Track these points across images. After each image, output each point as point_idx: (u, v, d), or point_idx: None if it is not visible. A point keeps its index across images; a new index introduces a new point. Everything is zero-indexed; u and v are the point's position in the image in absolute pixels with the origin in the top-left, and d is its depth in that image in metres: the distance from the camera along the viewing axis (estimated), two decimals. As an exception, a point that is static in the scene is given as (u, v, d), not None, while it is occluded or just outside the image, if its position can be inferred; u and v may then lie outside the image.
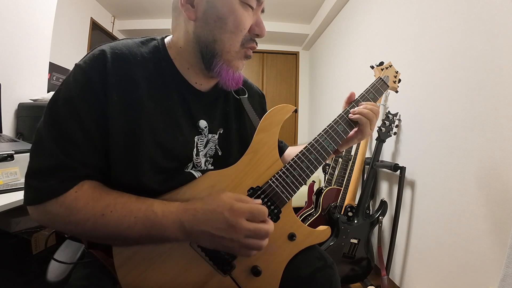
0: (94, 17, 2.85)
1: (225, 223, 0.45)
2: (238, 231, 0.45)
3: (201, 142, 0.57)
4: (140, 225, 0.45)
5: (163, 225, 0.45)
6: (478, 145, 1.04)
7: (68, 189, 0.44)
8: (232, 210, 0.45)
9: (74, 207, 0.44)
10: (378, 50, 1.88)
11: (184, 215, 0.46)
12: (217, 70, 0.53)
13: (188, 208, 0.47)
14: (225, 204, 0.46)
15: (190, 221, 0.45)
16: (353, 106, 0.64)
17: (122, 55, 0.49)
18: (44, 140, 0.45)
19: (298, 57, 3.91)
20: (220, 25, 0.50)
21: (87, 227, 0.45)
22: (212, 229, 0.45)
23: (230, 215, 0.45)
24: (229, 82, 0.55)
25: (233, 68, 0.54)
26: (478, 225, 1.03)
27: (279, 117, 0.57)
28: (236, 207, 0.45)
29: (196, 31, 0.52)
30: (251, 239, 0.46)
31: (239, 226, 0.45)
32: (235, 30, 0.51)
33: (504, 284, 0.79)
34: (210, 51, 0.52)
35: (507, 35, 0.93)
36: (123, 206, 0.46)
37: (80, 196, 0.45)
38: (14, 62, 1.35)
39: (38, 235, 1.14)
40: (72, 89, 0.46)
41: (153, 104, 0.50)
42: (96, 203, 0.45)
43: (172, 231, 0.46)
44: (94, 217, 0.44)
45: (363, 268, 1.50)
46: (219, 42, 0.51)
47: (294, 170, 0.55)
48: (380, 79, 0.71)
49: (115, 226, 0.45)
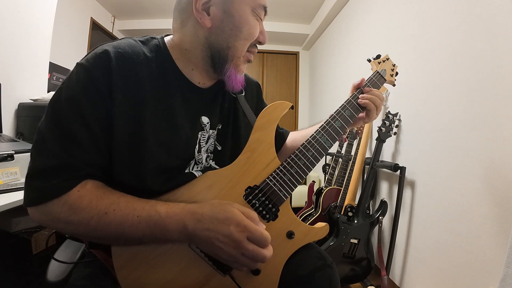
0: (94, 17, 2.85)
1: (229, 237, 0.45)
2: (238, 248, 0.45)
3: (203, 138, 0.58)
4: (143, 224, 0.45)
5: (166, 225, 0.45)
6: (478, 145, 1.04)
7: (71, 188, 0.44)
8: (239, 225, 0.45)
9: (77, 206, 0.44)
10: (378, 50, 1.87)
11: (189, 218, 0.46)
12: (228, 74, 0.56)
13: (195, 212, 0.47)
14: (235, 217, 0.46)
15: (194, 225, 0.46)
16: (350, 101, 0.65)
17: (126, 54, 0.49)
18: (46, 140, 0.45)
19: (298, 57, 3.91)
20: (236, 33, 0.54)
21: (90, 226, 0.44)
22: (214, 239, 0.45)
23: (235, 230, 0.45)
24: (237, 85, 0.58)
25: (239, 72, 0.58)
26: (478, 225, 1.03)
27: (275, 114, 0.57)
28: (243, 224, 0.45)
29: (210, 37, 0.54)
30: (247, 259, 0.46)
31: (241, 245, 0.45)
32: (248, 38, 0.55)
33: (504, 284, 0.79)
34: (223, 56, 0.55)
35: (507, 35, 0.93)
36: (126, 205, 0.46)
37: (83, 195, 0.44)
38: (14, 62, 1.35)
39: (38, 235, 1.14)
40: (75, 88, 0.46)
41: (156, 103, 0.51)
42: (100, 201, 0.45)
43: (174, 232, 0.46)
44: (97, 215, 0.44)
45: (363, 268, 1.50)
46: (232, 49, 0.55)
47: (291, 168, 0.55)
48: (377, 72, 0.71)
49: (118, 225, 0.44)
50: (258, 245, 0.46)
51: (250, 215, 0.48)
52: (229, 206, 0.47)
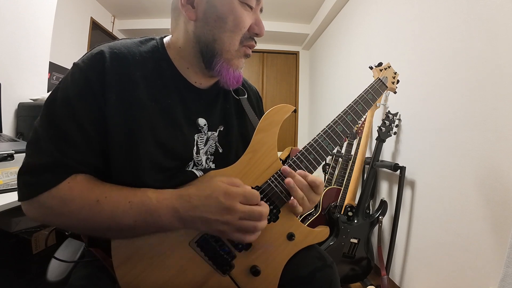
0: (94, 16, 2.85)
1: (220, 206, 0.45)
2: (233, 213, 0.45)
3: (201, 140, 0.57)
4: (135, 210, 0.45)
5: (158, 210, 0.45)
6: (478, 145, 1.04)
7: (61, 181, 0.45)
8: (226, 194, 0.46)
9: (68, 197, 0.44)
10: (378, 50, 1.87)
11: (178, 201, 0.46)
12: (218, 69, 0.54)
13: (182, 194, 0.47)
14: (220, 188, 0.46)
15: (184, 207, 0.46)
16: (352, 106, 0.64)
17: (121, 54, 0.49)
18: (40, 139, 0.45)
19: (298, 57, 3.91)
20: (220, 24, 0.51)
21: (82, 215, 0.45)
22: (207, 213, 0.45)
23: (225, 199, 0.45)
24: (230, 81, 0.55)
25: (233, 67, 0.55)
26: (478, 225, 1.03)
27: (278, 117, 0.57)
28: (230, 191, 0.46)
29: (196, 31, 0.53)
30: (245, 221, 0.46)
31: (234, 209, 0.45)
32: (234, 29, 0.52)
33: (504, 284, 0.79)
34: (211, 50, 0.53)
35: (507, 35, 0.93)
36: (118, 192, 0.46)
37: (74, 187, 0.45)
38: (14, 62, 1.35)
39: (38, 234, 1.14)
40: (70, 88, 0.46)
41: (153, 103, 0.50)
42: (90, 191, 0.45)
43: (166, 217, 0.46)
44: (88, 204, 0.44)
45: (363, 267, 1.50)
46: (219, 41, 0.52)
47: (293, 170, 0.55)
48: (379, 79, 0.72)
49: (110, 212, 0.45)
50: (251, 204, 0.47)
51: (234, 182, 0.48)
52: (212, 180, 0.48)
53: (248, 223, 0.46)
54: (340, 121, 0.61)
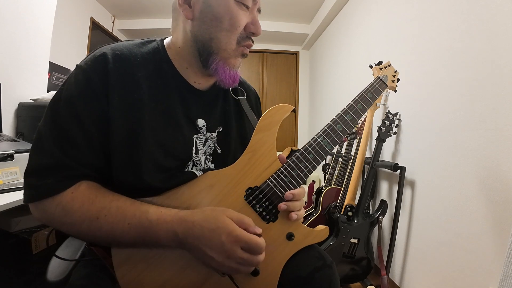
0: (94, 16, 2.85)
1: (220, 247, 0.44)
2: (231, 258, 0.45)
3: (200, 141, 0.58)
4: (133, 232, 0.45)
5: (157, 232, 0.45)
6: (478, 145, 1.04)
7: (65, 188, 0.45)
8: (230, 235, 0.44)
9: (70, 208, 0.45)
10: (378, 50, 1.87)
11: (179, 226, 0.46)
12: (214, 68, 0.54)
13: (185, 220, 0.46)
14: (226, 227, 0.45)
15: (184, 233, 0.45)
16: (352, 106, 0.64)
17: (123, 56, 0.50)
18: (44, 140, 0.46)
19: (298, 57, 3.91)
20: (216, 23, 0.52)
21: (82, 228, 0.45)
22: (205, 247, 0.45)
23: (227, 240, 0.44)
24: (226, 79, 0.55)
25: (229, 66, 0.55)
26: (478, 225, 1.03)
27: (277, 116, 0.57)
28: (235, 234, 0.45)
29: (193, 30, 0.53)
30: (241, 266, 0.46)
31: (233, 255, 0.44)
32: (230, 28, 0.52)
33: (504, 284, 0.79)
34: (207, 49, 0.53)
35: (507, 35, 0.93)
36: (117, 211, 0.46)
37: (76, 197, 0.45)
38: (14, 62, 1.35)
39: (38, 234, 1.14)
40: (73, 90, 0.47)
41: (154, 104, 0.51)
42: (91, 205, 0.45)
43: (165, 239, 0.46)
44: (89, 219, 0.45)
45: (363, 267, 1.50)
46: (215, 40, 0.52)
47: (292, 170, 0.55)
48: (379, 78, 0.71)
49: (109, 230, 0.45)
50: (253, 254, 0.46)
51: (244, 222, 0.47)
52: (221, 215, 0.46)
53: (242, 269, 0.46)
54: (339, 121, 0.61)
